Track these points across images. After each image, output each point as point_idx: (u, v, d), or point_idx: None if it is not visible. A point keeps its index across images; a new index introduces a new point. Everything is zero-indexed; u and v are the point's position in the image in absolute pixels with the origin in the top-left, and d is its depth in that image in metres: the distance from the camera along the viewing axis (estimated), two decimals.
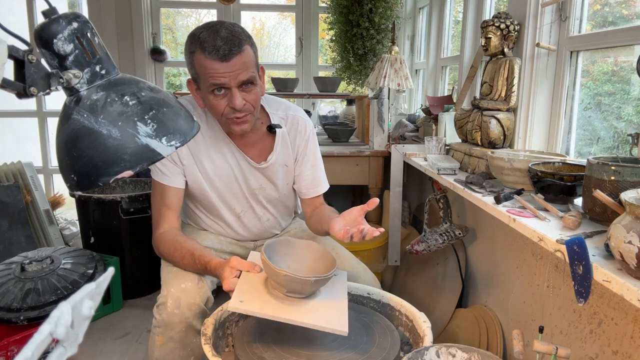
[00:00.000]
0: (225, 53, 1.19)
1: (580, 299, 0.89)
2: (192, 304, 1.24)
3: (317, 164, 1.52)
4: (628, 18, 1.44)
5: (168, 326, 1.23)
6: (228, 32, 1.20)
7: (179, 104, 0.79)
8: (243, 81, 1.23)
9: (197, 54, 1.21)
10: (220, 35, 1.19)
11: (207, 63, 1.20)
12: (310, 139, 1.49)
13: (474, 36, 2.16)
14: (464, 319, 1.82)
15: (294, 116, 1.47)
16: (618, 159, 1.03)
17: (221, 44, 1.19)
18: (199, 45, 1.20)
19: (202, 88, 1.26)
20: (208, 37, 1.19)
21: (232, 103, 1.24)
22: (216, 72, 1.20)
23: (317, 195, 1.52)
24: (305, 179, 1.50)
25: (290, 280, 1.06)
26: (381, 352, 1.09)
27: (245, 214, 1.50)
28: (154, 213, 1.40)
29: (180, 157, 1.38)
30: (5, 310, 1.94)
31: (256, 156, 1.43)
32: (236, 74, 1.21)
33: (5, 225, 2.69)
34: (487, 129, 1.60)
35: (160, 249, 1.36)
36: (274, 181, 1.47)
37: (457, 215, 2.06)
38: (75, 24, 0.71)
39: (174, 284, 1.26)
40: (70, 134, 0.71)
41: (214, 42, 1.19)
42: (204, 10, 4.23)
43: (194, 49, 1.22)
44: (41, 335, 0.35)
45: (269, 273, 1.10)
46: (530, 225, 1.07)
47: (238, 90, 1.24)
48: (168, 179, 1.38)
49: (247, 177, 1.44)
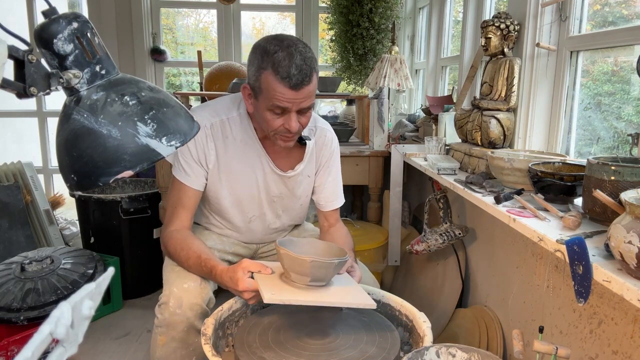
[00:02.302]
0: (298, 83, 1.18)
1: (580, 299, 0.89)
2: (194, 304, 1.24)
3: (338, 178, 1.55)
4: (628, 18, 1.44)
5: (170, 326, 1.23)
6: (302, 59, 1.19)
7: (179, 104, 0.79)
8: (304, 108, 1.25)
9: (267, 73, 1.20)
10: (295, 62, 1.18)
11: (277, 87, 1.19)
12: (335, 153, 1.52)
13: (474, 36, 2.16)
14: (464, 319, 1.82)
15: (322, 129, 1.49)
16: (618, 159, 1.03)
17: (295, 72, 1.18)
18: (271, 65, 1.19)
19: (261, 102, 1.25)
20: (283, 60, 1.18)
21: (288, 125, 1.25)
22: (283, 97, 1.20)
23: (334, 209, 1.55)
24: (325, 191, 1.52)
25: (316, 266, 1.10)
26: (381, 352, 1.09)
27: (255, 220, 1.50)
28: (169, 209, 1.40)
29: (208, 161, 1.37)
30: (5, 310, 1.94)
31: (283, 165, 1.44)
32: (300, 101, 1.23)
33: (5, 225, 2.69)
34: (487, 129, 1.60)
35: (168, 246, 1.35)
36: (295, 191, 1.49)
37: (457, 215, 2.06)
38: (75, 24, 0.71)
39: (177, 284, 1.26)
40: (70, 134, 0.71)
41: (288, 69, 1.17)
42: (204, 10, 4.23)
43: (265, 66, 1.20)
44: (41, 335, 0.35)
45: (291, 264, 1.13)
46: (530, 225, 1.07)
47: (296, 115, 1.25)
48: (190, 180, 1.37)
49: (269, 185, 1.44)
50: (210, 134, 1.36)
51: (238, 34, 3.58)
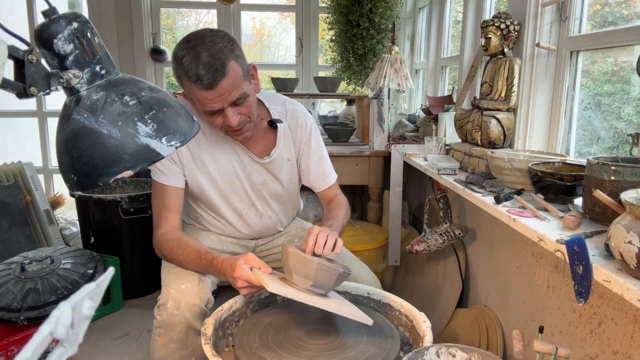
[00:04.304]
0: (210, 82, 1.16)
1: (580, 299, 0.89)
2: (192, 305, 1.24)
3: (323, 155, 1.54)
4: (628, 18, 1.44)
5: (168, 327, 1.23)
6: (209, 55, 1.15)
7: (179, 104, 0.79)
8: (234, 101, 1.23)
9: (183, 79, 1.19)
10: (201, 62, 1.14)
11: (195, 91, 1.19)
12: (313, 132, 1.50)
13: (474, 36, 2.16)
14: (464, 319, 1.82)
15: (294, 110, 1.48)
16: (618, 159, 1.03)
17: (203, 72, 1.14)
18: (183, 71, 1.17)
19: (197, 108, 1.27)
20: (190, 63, 1.15)
21: (227, 122, 1.25)
22: (205, 99, 1.20)
23: (328, 187, 1.54)
24: (314, 172, 1.52)
25: (321, 270, 1.10)
26: (381, 352, 1.09)
27: (247, 212, 1.50)
28: (155, 214, 1.40)
29: (180, 157, 1.38)
30: (5, 310, 1.94)
31: (259, 152, 1.43)
32: (225, 97, 1.20)
33: (5, 225, 2.69)
34: (487, 129, 1.60)
35: (162, 249, 1.35)
36: (278, 176, 1.48)
37: (457, 215, 2.06)
38: (75, 24, 0.71)
39: (174, 285, 1.26)
40: (70, 134, 0.71)
41: (196, 71, 1.15)
42: (204, 10, 4.23)
43: (180, 73, 1.19)
44: (41, 335, 0.35)
45: (297, 265, 1.12)
46: (530, 225, 1.07)
47: (231, 109, 1.23)
48: (167, 179, 1.37)
49: (251, 174, 1.44)
50: None
51: (238, 34, 3.58)
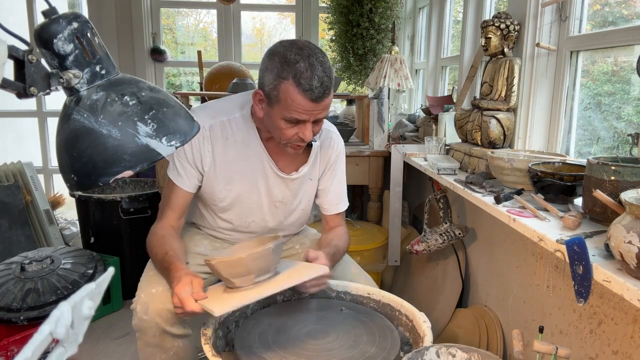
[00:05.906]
0: (319, 96, 1.16)
1: (580, 299, 0.89)
2: (162, 310, 1.20)
3: (343, 182, 1.53)
4: (628, 18, 1.44)
5: (141, 331, 1.23)
6: (323, 70, 1.16)
7: (178, 103, 0.79)
8: (320, 118, 1.24)
9: (288, 83, 1.16)
10: (317, 75, 1.15)
11: (297, 98, 1.16)
12: (341, 155, 1.50)
13: (474, 36, 2.16)
14: (464, 319, 1.82)
15: (328, 131, 1.46)
16: (618, 159, 1.03)
17: (318, 85, 1.15)
18: (292, 76, 1.15)
19: (276, 110, 1.21)
20: (305, 71, 1.14)
21: (303, 135, 1.23)
22: (302, 109, 1.18)
23: (338, 213, 1.52)
24: (330, 194, 1.50)
25: (255, 259, 1.09)
26: (381, 352, 1.09)
27: (255, 225, 1.46)
28: (160, 207, 1.40)
29: (203, 163, 1.34)
30: (5, 310, 1.94)
31: (285, 166, 1.40)
32: (318, 112, 1.21)
33: (5, 225, 2.69)
34: (487, 129, 1.60)
35: (148, 243, 1.34)
36: (298, 194, 1.45)
37: (457, 215, 2.06)
38: (75, 24, 0.71)
39: (145, 289, 1.25)
40: (70, 134, 0.71)
41: (310, 82, 1.14)
42: (204, 10, 4.23)
43: (286, 76, 1.15)
44: (41, 335, 0.35)
45: (230, 270, 1.10)
46: (530, 225, 1.07)
47: (311, 124, 1.23)
48: (181, 181, 1.35)
49: (272, 189, 1.41)
50: (208, 136, 1.32)
51: (238, 34, 3.58)
